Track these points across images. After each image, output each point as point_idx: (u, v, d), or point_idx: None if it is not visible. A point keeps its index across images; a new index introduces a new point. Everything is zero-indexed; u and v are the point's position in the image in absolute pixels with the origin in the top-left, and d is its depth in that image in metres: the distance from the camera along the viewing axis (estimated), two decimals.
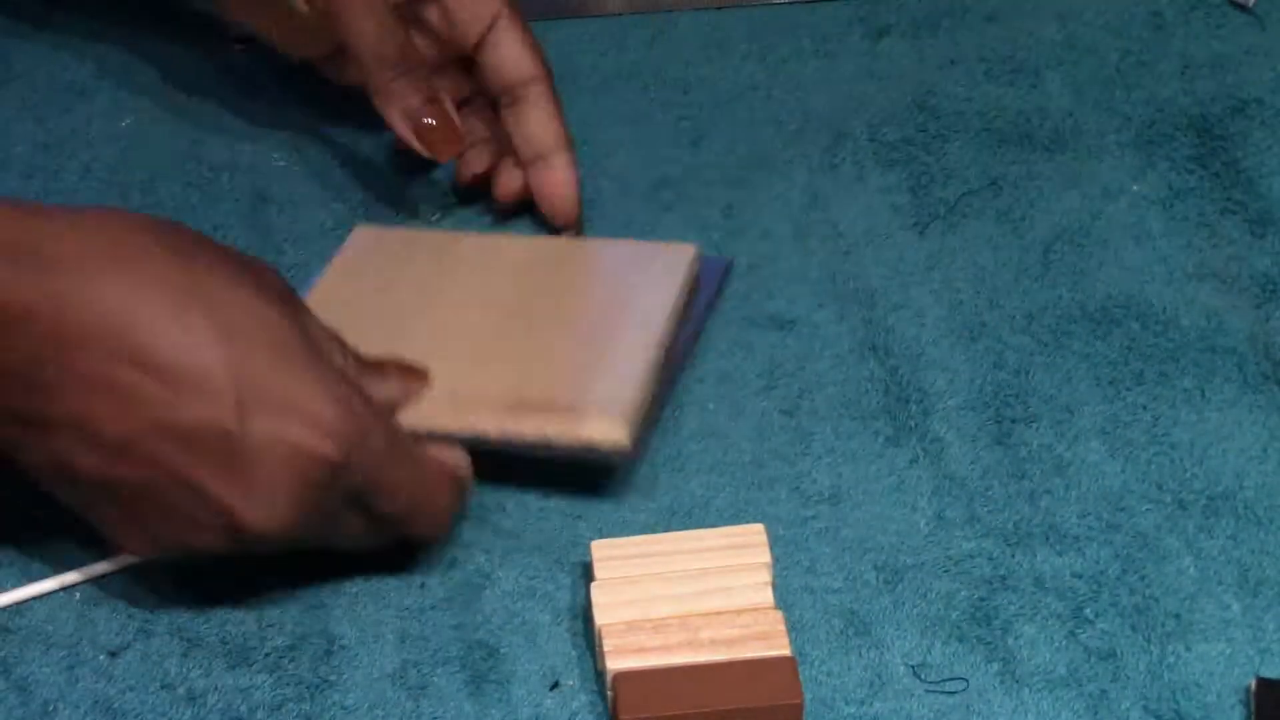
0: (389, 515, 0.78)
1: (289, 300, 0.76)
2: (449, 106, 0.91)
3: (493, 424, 0.82)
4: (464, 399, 0.83)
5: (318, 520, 0.76)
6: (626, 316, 0.88)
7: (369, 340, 0.83)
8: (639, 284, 0.90)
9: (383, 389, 0.80)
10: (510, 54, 0.93)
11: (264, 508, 0.73)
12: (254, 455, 0.72)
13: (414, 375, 0.83)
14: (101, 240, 0.71)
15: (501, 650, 0.79)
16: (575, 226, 0.95)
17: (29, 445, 0.73)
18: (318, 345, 0.76)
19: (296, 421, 0.72)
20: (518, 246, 0.93)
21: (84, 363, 0.70)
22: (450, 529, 0.81)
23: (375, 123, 0.94)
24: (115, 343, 0.70)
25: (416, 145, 0.91)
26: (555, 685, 0.78)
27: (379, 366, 0.81)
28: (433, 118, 0.90)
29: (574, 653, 0.79)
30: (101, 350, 0.70)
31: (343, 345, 0.79)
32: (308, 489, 0.74)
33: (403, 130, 0.91)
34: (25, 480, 0.76)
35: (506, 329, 0.87)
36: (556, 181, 0.94)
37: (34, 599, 0.80)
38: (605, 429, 0.82)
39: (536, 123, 0.93)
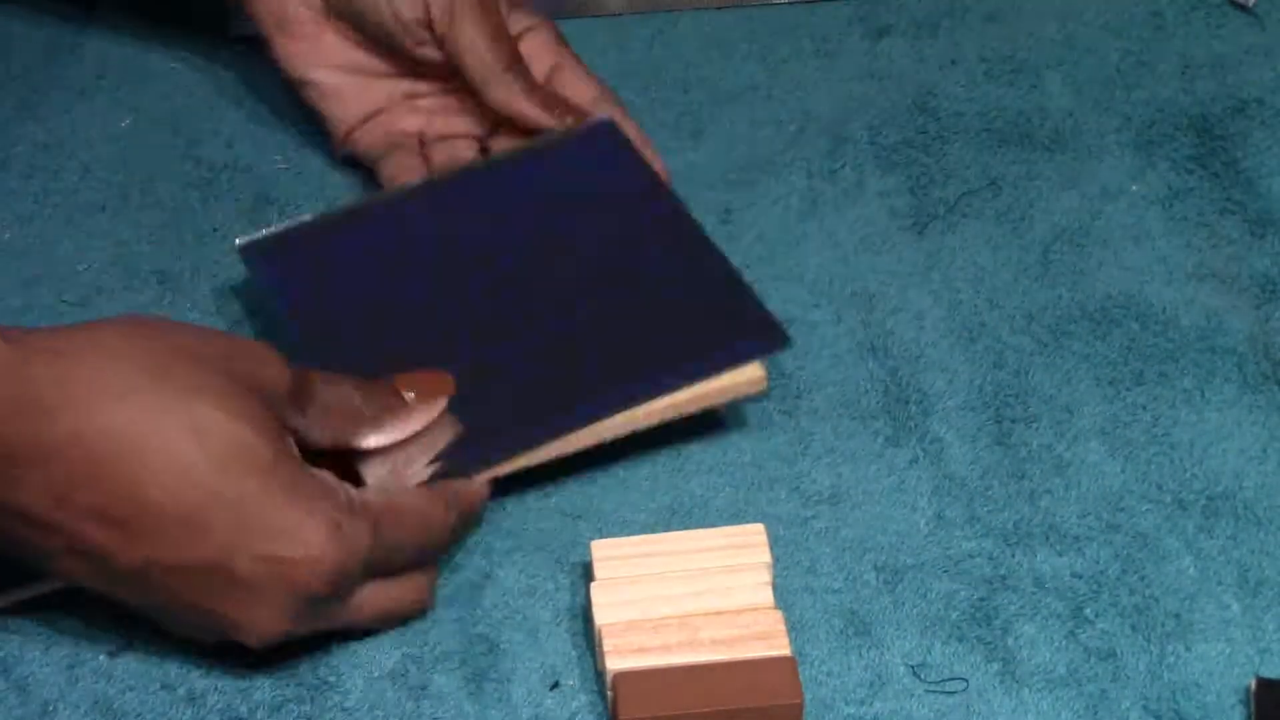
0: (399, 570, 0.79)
1: (271, 411, 0.76)
2: (553, 88, 0.95)
3: (629, 421, 0.83)
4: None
5: (324, 615, 0.77)
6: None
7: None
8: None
9: (397, 423, 0.81)
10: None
11: (263, 623, 0.76)
12: (247, 583, 0.74)
13: (433, 386, 0.83)
14: (91, 377, 0.73)
15: (501, 650, 0.79)
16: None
17: (47, 563, 0.76)
18: (298, 462, 0.76)
19: (285, 548, 0.74)
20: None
21: (87, 499, 0.73)
22: (457, 543, 0.82)
23: None
24: (111, 485, 0.73)
25: (545, 118, 0.93)
26: (555, 685, 0.78)
27: (389, 396, 0.81)
28: (546, 97, 0.94)
29: (574, 652, 0.79)
30: (101, 490, 0.73)
31: (339, 417, 0.80)
32: (303, 604, 0.76)
33: (528, 109, 0.93)
34: None
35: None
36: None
37: (34, 599, 0.80)
38: (746, 375, 0.84)
39: (569, 86, 0.96)
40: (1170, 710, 0.76)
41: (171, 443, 0.73)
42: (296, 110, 1.00)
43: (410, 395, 0.82)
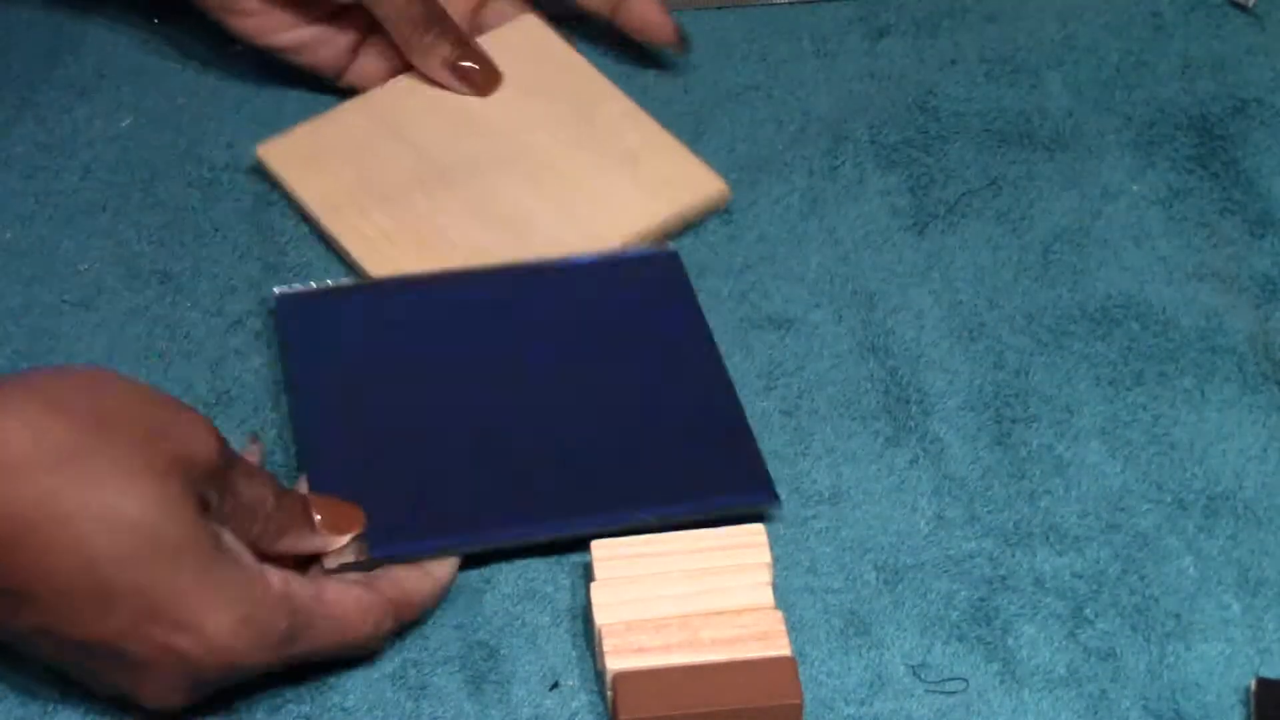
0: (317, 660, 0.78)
1: (191, 490, 0.73)
2: (479, 46, 0.97)
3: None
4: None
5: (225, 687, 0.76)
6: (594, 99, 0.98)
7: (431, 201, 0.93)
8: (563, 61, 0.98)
9: (301, 540, 0.78)
10: None
11: (156, 697, 0.74)
12: (144, 663, 0.73)
13: (346, 519, 0.80)
14: (17, 440, 0.70)
15: (501, 650, 0.79)
16: (679, 43, 1.02)
17: None
18: (220, 544, 0.74)
19: (185, 641, 0.72)
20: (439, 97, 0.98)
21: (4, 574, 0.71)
22: (383, 645, 0.79)
23: None
24: (15, 554, 0.71)
25: (462, 88, 0.97)
26: (555, 685, 0.78)
27: (301, 515, 0.79)
28: (469, 60, 0.97)
29: (574, 653, 0.79)
30: (4, 557, 0.71)
31: (254, 510, 0.77)
32: (200, 686, 0.74)
33: (446, 79, 0.96)
34: None
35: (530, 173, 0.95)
36: (644, 9, 1.00)
37: None
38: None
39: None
40: (1170, 710, 0.76)
41: (82, 524, 0.70)
42: (297, 110, 1.00)
43: (318, 518, 0.79)
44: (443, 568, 0.79)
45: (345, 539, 0.79)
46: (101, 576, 0.71)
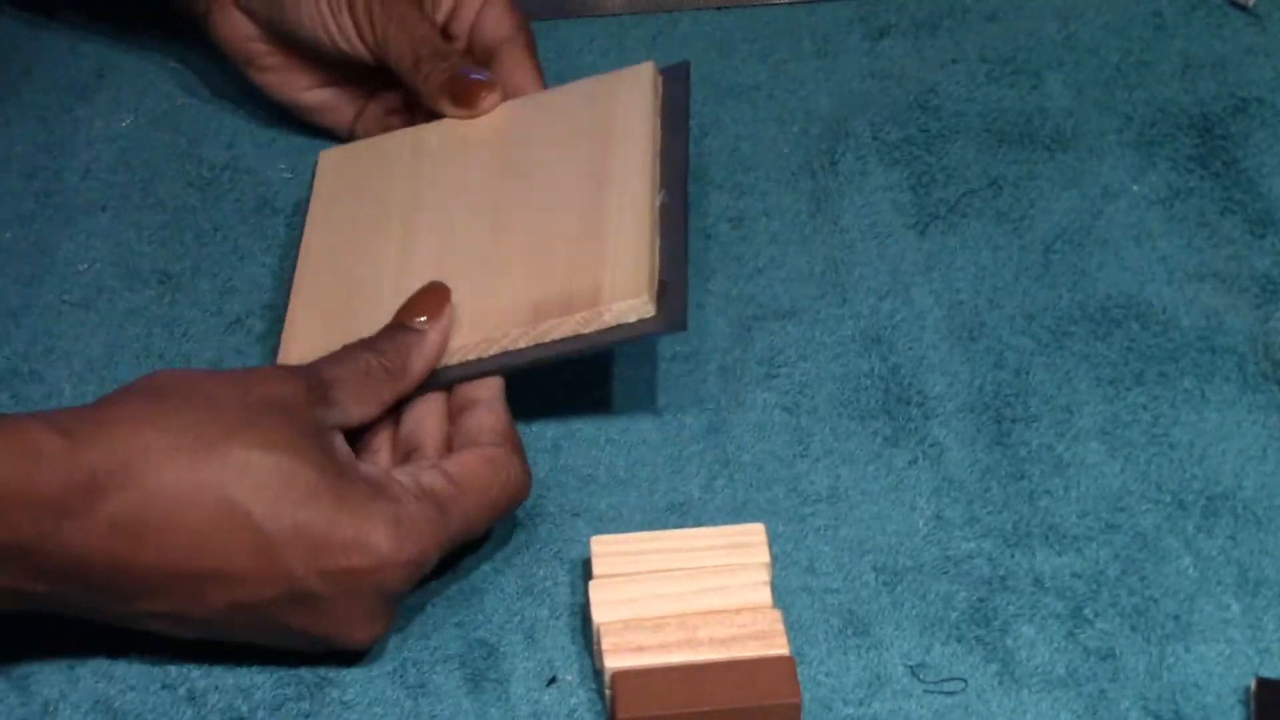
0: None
1: (300, 425, 0.77)
2: (476, 73, 0.94)
3: (521, 338, 0.83)
4: (481, 321, 0.83)
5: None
6: (611, 168, 0.88)
7: (374, 271, 0.86)
8: (611, 128, 0.90)
9: (421, 353, 0.82)
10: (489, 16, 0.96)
11: (357, 630, 0.77)
12: (330, 599, 0.76)
13: (434, 301, 0.83)
14: (135, 449, 0.74)
15: (500, 646, 0.79)
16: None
17: (131, 624, 0.78)
18: (344, 466, 0.77)
19: (355, 560, 0.75)
20: (481, 125, 0.93)
21: (155, 562, 0.75)
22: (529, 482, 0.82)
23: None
24: (176, 545, 0.74)
25: (460, 113, 0.94)
26: (553, 680, 0.78)
27: (401, 333, 0.82)
28: (466, 85, 0.94)
29: (573, 649, 0.79)
30: (167, 552, 0.75)
31: (364, 389, 0.81)
32: (390, 599, 0.77)
33: (445, 107, 0.94)
34: None
35: (499, 222, 0.88)
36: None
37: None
38: (629, 306, 0.83)
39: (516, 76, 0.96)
40: (1170, 710, 0.76)
41: (221, 492, 0.74)
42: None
43: (422, 319, 0.82)
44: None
45: (447, 317, 0.82)
46: (261, 532, 0.74)
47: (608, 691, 0.76)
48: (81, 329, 0.91)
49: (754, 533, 0.80)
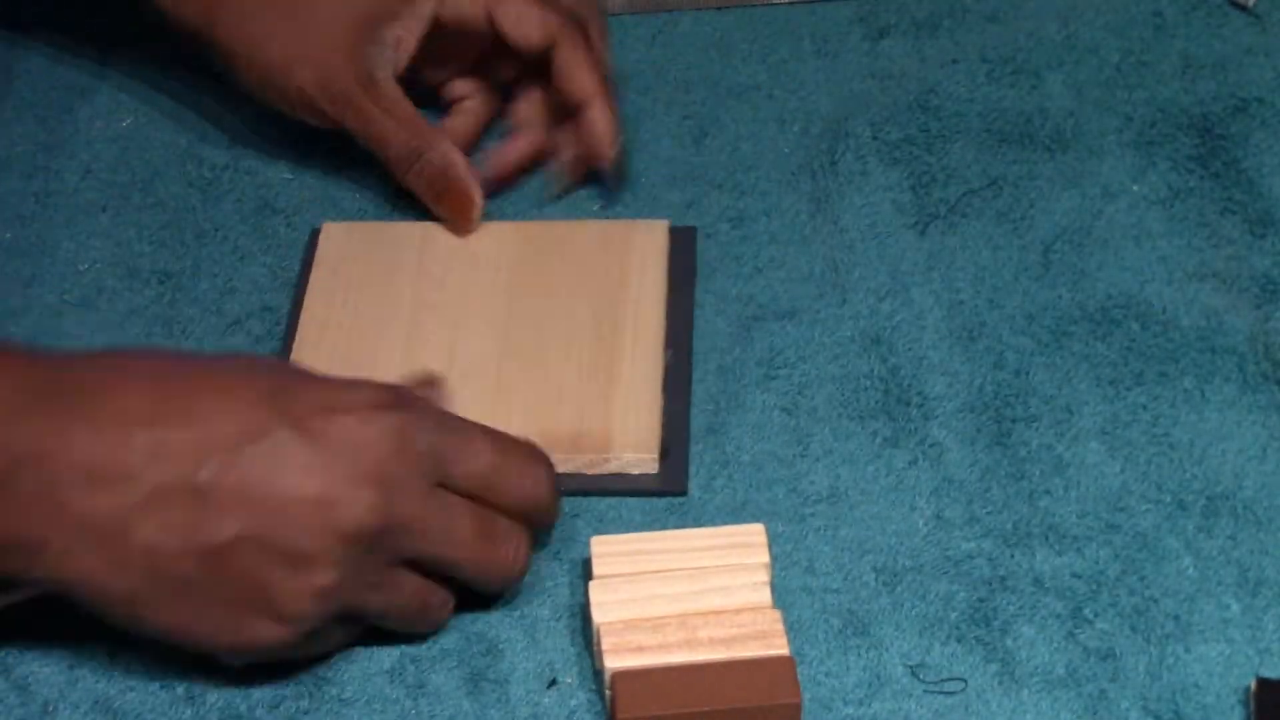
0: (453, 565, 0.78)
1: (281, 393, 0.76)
2: (461, 171, 0.93)
3: None
4: None
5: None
6: (623, 317, 0.89)
7: (377, 356, 0.87)
8: (625, 277, 0.91)
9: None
10: (522, 22, 0.95)
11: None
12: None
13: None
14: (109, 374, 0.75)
15: (500, 646, 0.79)
16: (614, 165, 0.96)
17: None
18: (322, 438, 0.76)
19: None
20: (490, 241, 0.93)
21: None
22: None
23: None
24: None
25: (441, 213, 0.94)
26: (553, 683, 0.78)
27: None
28: (449, 190, 0.94)
29: (573, 650, 0.79)
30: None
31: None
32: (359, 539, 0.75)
33: (428, 201, 0.94)
34: None
35: (508, 342, 0.88)
36: (593, 122, 0.95)
37: (35, 598, 0.80)
38: (636, 459, 0.84)
39: (568, 77, 0.95)
40: (1170, 710, 0.76)
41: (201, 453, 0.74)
42: None
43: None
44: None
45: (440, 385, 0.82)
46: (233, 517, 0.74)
47: (608, 692, 0.76)
48: (81, 329, 0.91)
49: (754, 533, 0.80)
